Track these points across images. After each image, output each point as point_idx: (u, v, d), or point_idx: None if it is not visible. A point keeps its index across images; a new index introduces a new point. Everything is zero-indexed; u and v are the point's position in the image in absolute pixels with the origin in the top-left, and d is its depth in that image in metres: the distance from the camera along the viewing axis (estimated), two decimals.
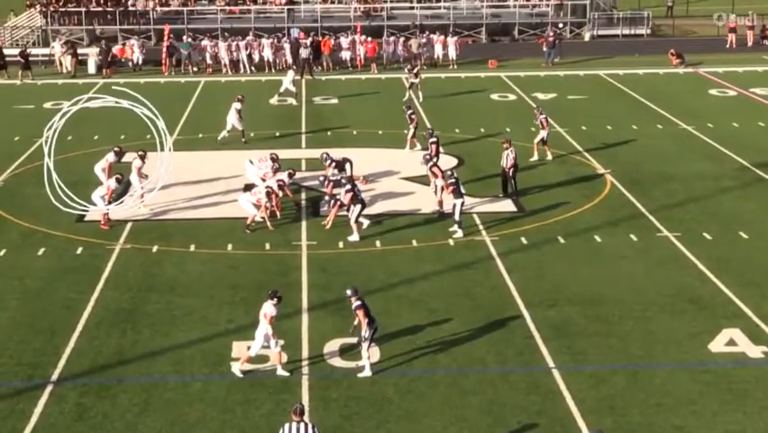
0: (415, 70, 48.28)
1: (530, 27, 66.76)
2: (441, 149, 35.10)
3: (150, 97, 49.80)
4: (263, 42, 57.60)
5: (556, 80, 53.76)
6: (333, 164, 32.02)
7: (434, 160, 32.22)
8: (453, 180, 29.21)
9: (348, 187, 29.08)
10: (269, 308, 20.68)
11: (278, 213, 29.93)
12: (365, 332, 20.55)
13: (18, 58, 54.76)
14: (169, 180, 32.17)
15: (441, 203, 30.29)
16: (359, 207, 28.63)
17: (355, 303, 20.67)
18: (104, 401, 19.77)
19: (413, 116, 38.07)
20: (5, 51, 56.83)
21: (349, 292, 20.98)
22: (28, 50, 56.11)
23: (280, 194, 30.02)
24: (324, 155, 32.43)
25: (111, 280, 25.87)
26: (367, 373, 20.53)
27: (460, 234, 28.65)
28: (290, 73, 48.92)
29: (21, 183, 34.64)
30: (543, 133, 36.44)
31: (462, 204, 28.88)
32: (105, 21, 65.31)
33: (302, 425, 16.37)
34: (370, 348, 20.68)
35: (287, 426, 16.42)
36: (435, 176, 30.95)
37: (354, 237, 28.40)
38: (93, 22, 65.11)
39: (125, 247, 28.19)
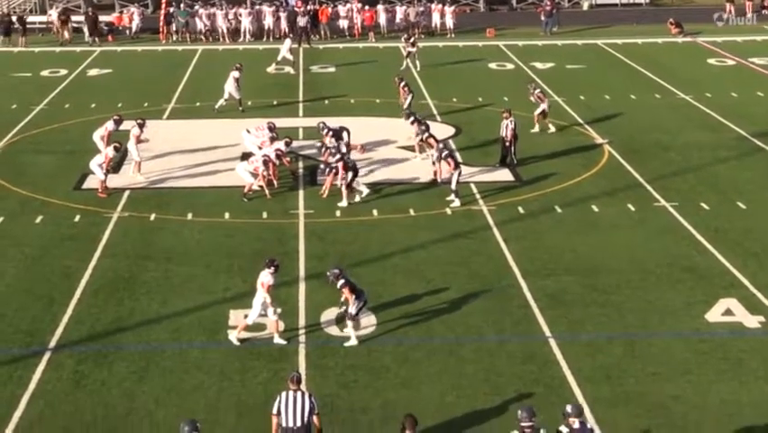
0: (411, 39, 48.15)
1: None
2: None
3: (147, 65, 50.03)
4: (264, 10, 57.41)
5: (554, 50, 53.62)
6: (330, 133, 31.94)
7: (430, 130, 32.19)
8: (448, 152, 29.28)
9: (338, 156, 29.07)
10: (266, 277, 20.70)
11: (275, 182, 29.91)
12: (352, 308, 20.54)
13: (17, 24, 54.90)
14: (166, 149, 32.15)
15: (437, 173, 30.24)
16: (350, 174, 28.65)
17: (339, 282, 20.64)
18: (101, 369, 19.82)
19: (405, 87, 37.87)
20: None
21: (336, 271, 20.78)
22: (11, 17, 56.34)
23: (277, 163, 30.00)
24: (321, 124, 32.35)
25: (109, 248, 25.87)
26: (353, 342, 20.53)
27: (457, 203, 28.65)
28: (287, 42, 48.77)
29: (18, 151, 34.59)
30: (542, 106, 36.35)
31: (460, 173, 28.88)
32: None
33: (299, 393, 16.36)
34: (356, 319, 20.68)
35: (283, 394, 16.42)
36: (431, 146, 30.97)
37: (343, 203, 28.44)
38: None
39: (123, 215, 28.17)
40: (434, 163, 30.54)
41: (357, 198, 28.78)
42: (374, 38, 56.72)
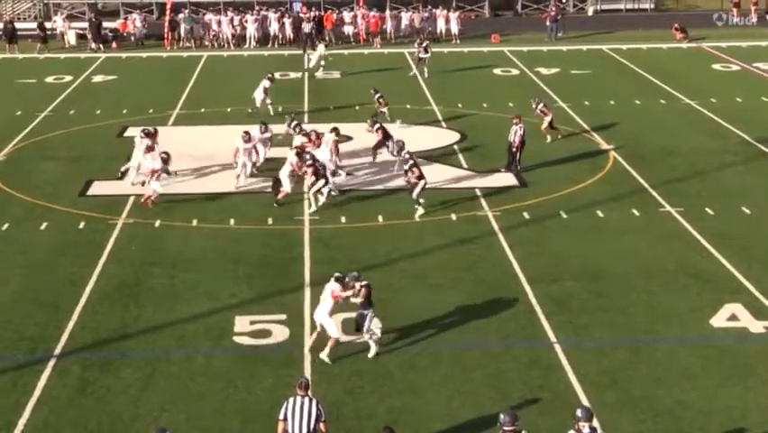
0: (424, 45, 48.04)
1: (533, 1, 66.46)
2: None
3: (152, 72, 50.10)
4: (270, 16, 57.47)
5: (559, 55, 53.65)
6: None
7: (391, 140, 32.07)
8: (413, 162, 28.94)
9: (309, 162, 28.96)
10: (335, 286, 20.34)
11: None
12: (368, 321, 20.36)
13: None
14: (171, 155, 32.13)
15: (408, 182, 29.84)
16: (321, 181, 28.60)
17: (362, 282, 20.32)
18: (107, 376, 19.82)
19: (381, 99, 37.55)
20: (18, 25, 57.32)
21: (356, 274, 20.56)
22: (14, 23, 56.83)
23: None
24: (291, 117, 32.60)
25: (114, 255, 25.89)
26: (373, 350, 20.39)
27: (420, 211, 28.25)
28: (321, 47, 48.56)
29: (23, 157, 34.61)
30: (547, 119, 36.00)
31: (425, 185, 28.48)
32: None
33: (306, 400, 16.31)
34: (370, 330, 20.46)
35: (291, 400, 16.37)
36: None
37: (312, 209, 28.46)
38: None
39: (128, 222, 28.20)
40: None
41: (321, 202, 28.70)
42: (379, 44, 56.77)
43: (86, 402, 18.89)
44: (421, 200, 28.39)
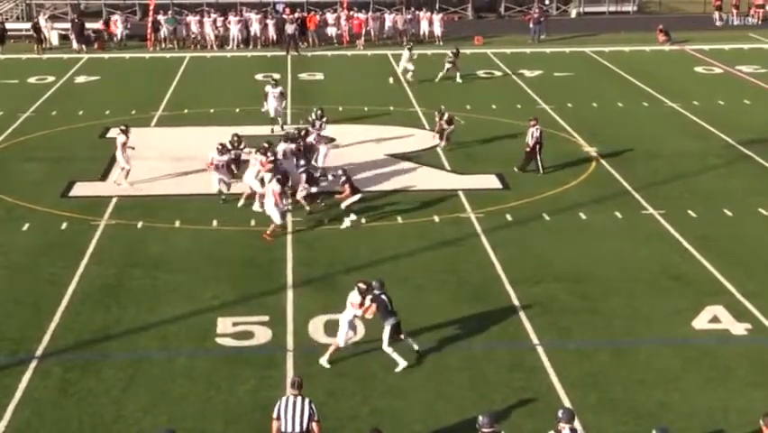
0: (458, 55, 47.45)
1: (516, 4, 66.55)
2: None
3: (135, 73, 49.95)
4: (252, 18, 57.38)
5: (542, 57, 53.73)
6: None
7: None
8: (346, 178, 28.43)
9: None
10: (354, 297, 20.08)
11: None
12: (387, 329, 20.13)
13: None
14: (153, 156, 32.08)
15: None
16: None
17: (371, 296, 20.05)
18: (88, 377, 19.76)
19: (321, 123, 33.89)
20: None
21: (377, 284, 20.25)
22: (5, 24, 56.72)
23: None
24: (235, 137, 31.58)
25: (96, 256, 25.81)
26: (402, 365, 20.06)
27: (347, 223, 27.95)
28: (406, 52, 47.78)
29: (5, 158, 34.46)
30: (447, 127, 35.15)
31: (357, 200, 28.15)
32: None
33: (299, 399, 16.26)
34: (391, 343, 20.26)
35: (284, 398, 16.32)
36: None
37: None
38: None
39: (110, 223, 28.12)
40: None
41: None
42: (362, 45, 56.76)
43: (68, 404, 18.83)
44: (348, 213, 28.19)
